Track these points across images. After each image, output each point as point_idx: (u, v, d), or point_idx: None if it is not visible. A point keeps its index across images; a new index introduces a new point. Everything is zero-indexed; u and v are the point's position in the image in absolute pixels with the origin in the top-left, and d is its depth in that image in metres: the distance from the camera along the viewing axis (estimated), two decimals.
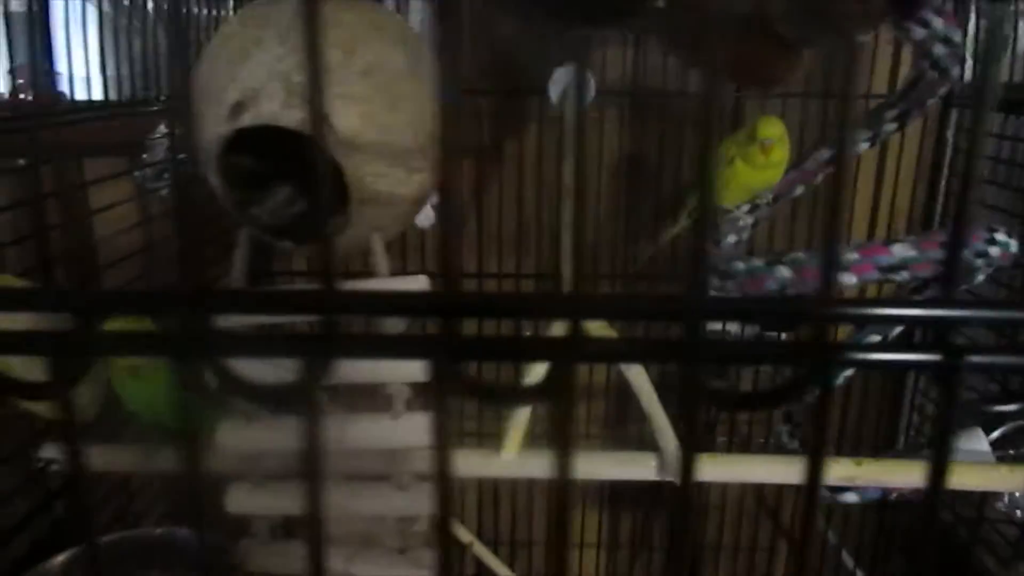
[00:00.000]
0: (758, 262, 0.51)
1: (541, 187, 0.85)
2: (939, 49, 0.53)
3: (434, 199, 0.56)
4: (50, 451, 0.54)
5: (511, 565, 0.80)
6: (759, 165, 0.64)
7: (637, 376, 0.56)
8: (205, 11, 0.79)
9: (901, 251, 0.48)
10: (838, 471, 0.54)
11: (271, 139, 0.46)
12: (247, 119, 0.44)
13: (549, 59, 0.81)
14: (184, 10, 0.75)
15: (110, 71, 0.75)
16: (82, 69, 0.73)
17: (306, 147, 0.48)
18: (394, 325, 0.47)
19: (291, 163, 0.50)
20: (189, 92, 0.45)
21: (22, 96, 0.96)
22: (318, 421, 0.16)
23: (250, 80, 0.44)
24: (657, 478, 0.54)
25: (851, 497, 0.57)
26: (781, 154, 0.64)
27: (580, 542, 0.97)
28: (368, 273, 0.51)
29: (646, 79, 0.81)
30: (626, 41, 0.80)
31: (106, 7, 0.81)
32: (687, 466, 0.17)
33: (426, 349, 0.16)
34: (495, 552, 0.78)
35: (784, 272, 0.49)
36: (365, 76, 0.44)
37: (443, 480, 0.16)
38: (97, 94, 0.75)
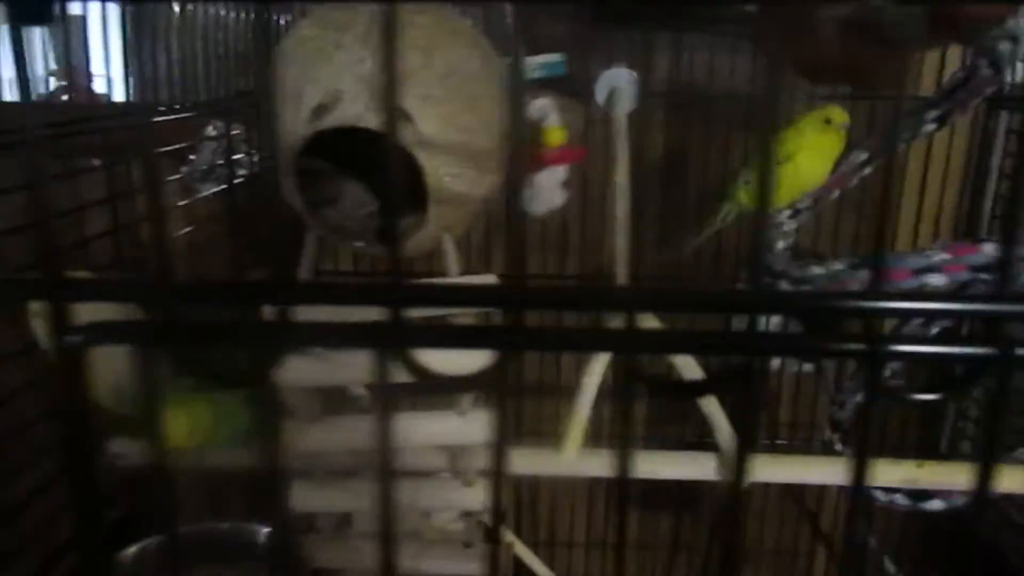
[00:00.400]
0: (839, 266, 0.51)
1: (585, 189, 0.85)
2: (1004, 46, 0.53)
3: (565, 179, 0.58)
4: (118, 446, 0.55)
5: (551, 566, 0.81)
6: (828, 155, 0.63)
7: (694, 377, 0.56)
8: (233, 14, 0.79)
9: (991, 250, 0.47)
10: (898, 474, 0.54)
11: (343, 141, 0.47)
12: (330, 121, 0.45)
13: (595, 60, 0.82)
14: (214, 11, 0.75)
15: (134, 73, 0.74)
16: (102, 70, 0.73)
17: (384, 148, 0.48)
18: (464, 318, 0.47)
19: (363, 165, 0.50)
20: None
21: (64, 97, 0.97)
22: (506, 410, 0.16)
23: (332, 82, 0.44)
24: (716, 478, 0.54)
25: (936, 504, 0.56)
26: (842, 145, 0.64)
27: (619, 543, 0.96)
28: (438, 272, 0.52)
29: (692, 80, 0.81)
30: (675, 43, 0.80)
31: (130, 10, 0.82)
32: (860, 470, 0.17)
33: (611, 343, 0.16)
34: (535, 553, 0.78)
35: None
36: (444, 78, 0.45)
37: (623, 475, 0.17)
38: (118, 95, 0.76)
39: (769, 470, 0.54)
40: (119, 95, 0.75)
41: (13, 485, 0.46)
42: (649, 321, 0.50)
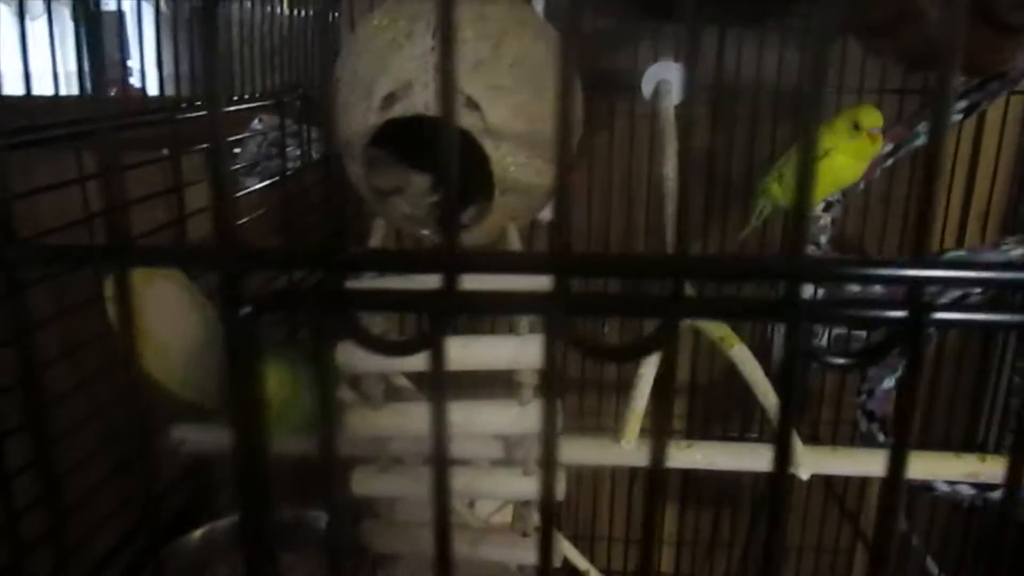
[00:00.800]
0: None
1: (631, 183, 0.85)
2: None
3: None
4: (181, 432, 0.55)
5: (591, 561, 0.81)
6: (861, 156, 0.63)
7: (753, 372, 0.56)
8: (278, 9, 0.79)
9: None
10: (960, 468, 0.54)
11: (412, 130, 0.47)
12: (399, 109, 0.45)
13: (642, 54, 0.82)
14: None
15: (167, 69, 0.72)
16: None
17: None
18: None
19: (429, 154, 0.51)
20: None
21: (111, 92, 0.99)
22: (673, 375, 0.17)
23: (402, 72, 0.45)
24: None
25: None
26: (876, 144, 0.63)
27: (675, 540, 0.97)
28: None
29: (739, 75, 0.81)
30: (721, 36, 0.80)
31: (163, 7, 0.81)
32: (1017, 470, 0.17)
33: (766, 311, 0.16)
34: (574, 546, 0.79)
35: None
36: (513, 68, 0.45)
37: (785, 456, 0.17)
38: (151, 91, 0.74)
39: (828, 463, 0.54)
40: (153, 90, 0.74)
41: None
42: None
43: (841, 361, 0.16)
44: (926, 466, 0.53)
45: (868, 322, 0.16)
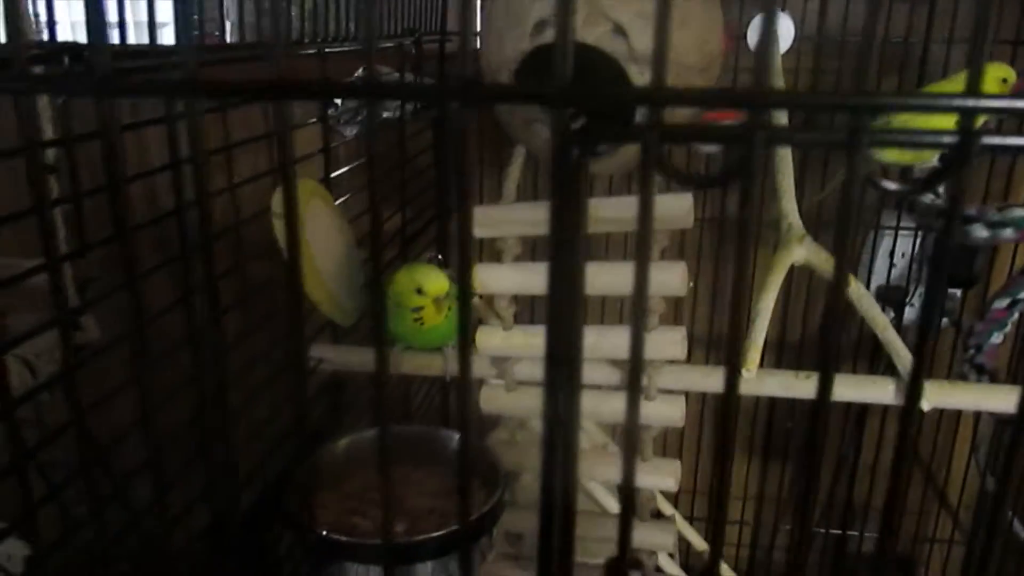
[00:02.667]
0: None
1: None
2: None
3: None
4: (320, 351, 0.59)
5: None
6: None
7: (870, 307, 0.57)
8: None
9: None
10: None
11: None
12: (549, 35, 0.47)
13: (747, 3, 0.82)
14: None
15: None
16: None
17: (598, 63, 0.50)
18: None
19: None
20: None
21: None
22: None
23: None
24: (894, 403, 0.55)
25: None
26: None
27: (756, 494, 0.98)
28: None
29: (846, 26, 0.81)
30: None
31: None
32: None
33: None
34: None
35: None
36: None
37: None
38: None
39: (949, 397, 0.55)
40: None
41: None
42: None
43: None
44: None
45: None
